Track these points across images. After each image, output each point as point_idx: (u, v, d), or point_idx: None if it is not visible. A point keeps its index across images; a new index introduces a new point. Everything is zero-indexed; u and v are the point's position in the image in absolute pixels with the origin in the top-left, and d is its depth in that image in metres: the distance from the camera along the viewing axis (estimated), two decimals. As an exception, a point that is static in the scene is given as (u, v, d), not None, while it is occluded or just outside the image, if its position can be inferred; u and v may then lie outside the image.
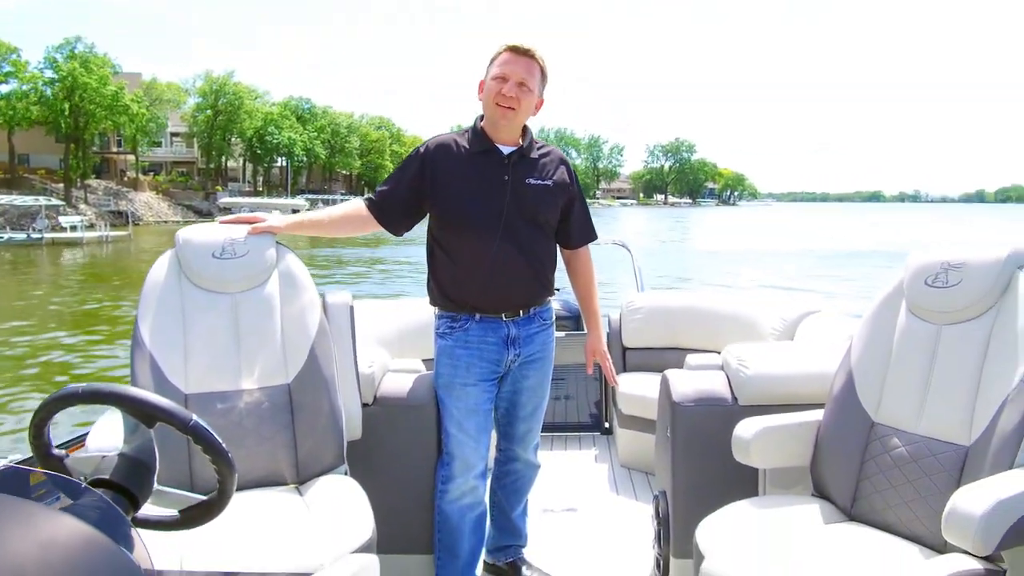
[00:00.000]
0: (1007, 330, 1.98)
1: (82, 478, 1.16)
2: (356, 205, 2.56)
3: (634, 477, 4.01)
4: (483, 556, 2.95)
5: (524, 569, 2.85)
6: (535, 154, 2.54)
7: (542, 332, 2.61)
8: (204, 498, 1.32)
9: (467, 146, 2.49)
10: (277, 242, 2.48)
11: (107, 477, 1.19)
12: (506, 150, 2.48)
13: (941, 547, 1.91)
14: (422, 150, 2.51)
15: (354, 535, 1.96)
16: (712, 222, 77.12)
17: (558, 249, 2.67)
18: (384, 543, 2.63)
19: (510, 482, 2.78)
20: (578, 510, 3.58)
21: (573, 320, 4.88)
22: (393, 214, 2.51)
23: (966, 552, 1.80)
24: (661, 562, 2.68)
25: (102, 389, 1.20)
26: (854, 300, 14.55)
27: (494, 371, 2.53)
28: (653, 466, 3.99)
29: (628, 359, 4.35)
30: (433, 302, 2.58)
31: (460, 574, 2.57)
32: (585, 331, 4.88)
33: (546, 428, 4.65)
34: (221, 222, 2.48)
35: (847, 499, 2.15)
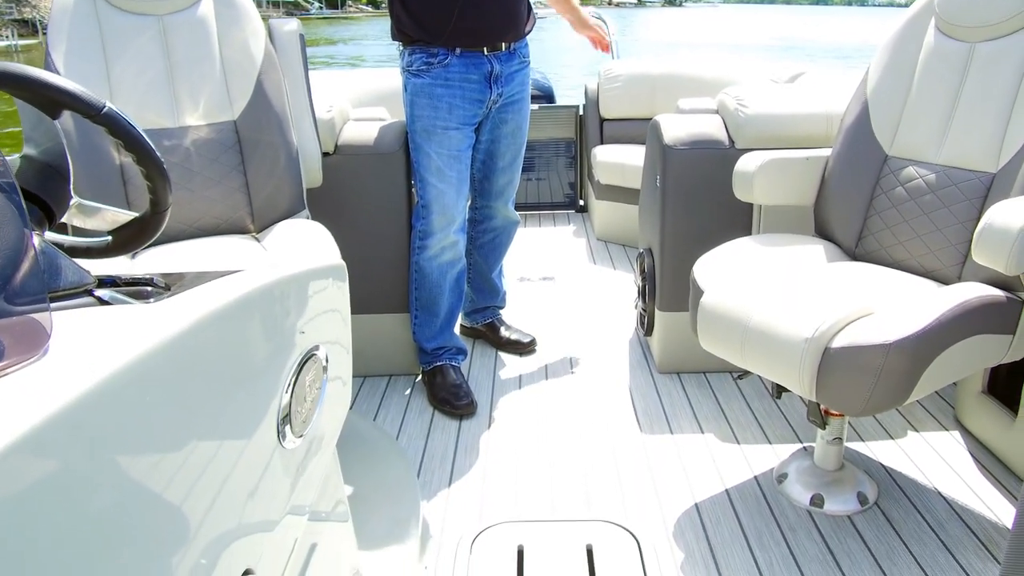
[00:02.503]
0: None
1: None
2: None
3: (611, 249, 3.92)
4: (460, 319, 2.85)
5: (503, 329, 2.76)
6: None
7: (522, 70, 2.37)
8: (135, 214, 1.09)
9: None
10: None
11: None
12: None
13: (954, 280, 1.82)
14: None
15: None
16: (662, 22, 75.03)
17: None
18: (365, 303, 2.49)
19: (488, 240, 2.62)
20: (555, 278, 3.49)
21: (545, 96, 4.60)
22: None
23: (983, 281, 1.71)
24: (645, 317, 2.61)
25: None
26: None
27: (475, 114, 2.29)
28: (631, 238, 3.90)
29: (606, 131, 4.12)
30: (396, 36, 2.27)
31: (439, 332, 2.45)
32: (557, 103, 4.69)
33: (520, 207, 4.52)
34: None
35: (852, 237, 2.03)
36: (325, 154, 2.36)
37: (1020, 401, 1.95)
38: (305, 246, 1.88)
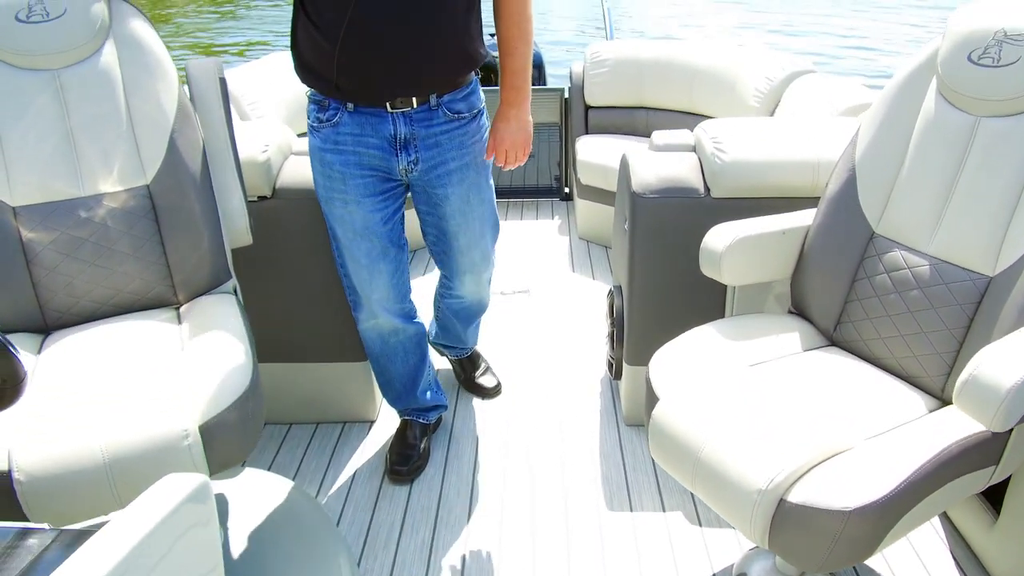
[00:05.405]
0: None
1: None
2: None
3: (593, 251, 3.71)
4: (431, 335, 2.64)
5: (470, 369, 2.59)
6: None
7: (456, 130, 1.83)
8: None
9: None
10: None
11: None
12: None
13: (938, 392, 1.64)
14: None
15: (215, 398, 1.56)
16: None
17: None
18: (315, 352, 2.34)
19: (455, 304, 2.32)
20: (531, 291, 3.30)
21: (535, 69, 4.31)
22: None
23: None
24: (614, 365, 2.44)
25: None
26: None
27: (382, 185, 1.86)
28: (611, 241, 3.69)
29: (591, 119, 3.85)
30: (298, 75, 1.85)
31: (400, 396, 2.25)
32: (545, 86, 4.37)
33: (503, 193, 4.29)
34: None
35: (831, 321, 1.82)
36: (262, 198, 2.16)
37: (1003, 502, 1.79)
38: (212, 344, 1.68)
